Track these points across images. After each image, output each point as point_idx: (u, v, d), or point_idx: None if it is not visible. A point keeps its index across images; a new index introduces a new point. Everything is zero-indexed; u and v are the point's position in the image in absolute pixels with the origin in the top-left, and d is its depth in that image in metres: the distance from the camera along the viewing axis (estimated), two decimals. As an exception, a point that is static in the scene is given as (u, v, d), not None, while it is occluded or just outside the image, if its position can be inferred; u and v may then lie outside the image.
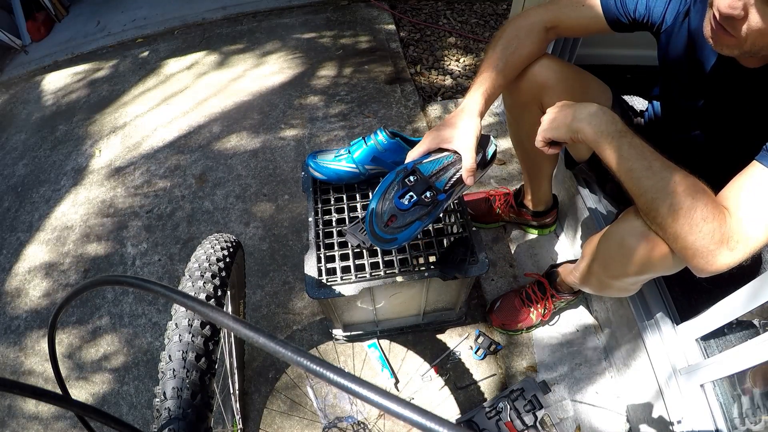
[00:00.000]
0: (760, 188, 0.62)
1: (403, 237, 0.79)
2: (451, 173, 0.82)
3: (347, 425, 1.14)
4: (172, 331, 0.62)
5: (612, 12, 0.85)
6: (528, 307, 1.20)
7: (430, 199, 0.79)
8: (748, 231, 0.61)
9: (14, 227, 1.67)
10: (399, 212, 0.78)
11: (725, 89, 0.76)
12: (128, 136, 1.93)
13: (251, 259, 1.44)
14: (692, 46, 0.78)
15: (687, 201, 0.64)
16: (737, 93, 0.75)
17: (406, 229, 0.79)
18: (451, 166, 0.82)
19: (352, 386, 0.28)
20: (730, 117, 0.78)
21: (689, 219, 0.63)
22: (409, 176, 0.80)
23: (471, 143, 0.80)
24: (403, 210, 0.78)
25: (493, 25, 2.34)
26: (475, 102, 0.84)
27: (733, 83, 0.74)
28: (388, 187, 0.80)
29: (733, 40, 0.62)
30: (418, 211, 0.79)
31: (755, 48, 0.62)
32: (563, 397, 1.15)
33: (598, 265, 0.85)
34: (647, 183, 0.68)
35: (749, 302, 0.77)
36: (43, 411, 1.23)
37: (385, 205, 0.79)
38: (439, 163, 0.82)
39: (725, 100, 0.77)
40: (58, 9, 2.72)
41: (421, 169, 0.81)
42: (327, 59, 2.15)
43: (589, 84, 0.98)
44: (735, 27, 0.60)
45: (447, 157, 0.83)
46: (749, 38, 0.60)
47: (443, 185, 0.81)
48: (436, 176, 0.81)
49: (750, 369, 0.83)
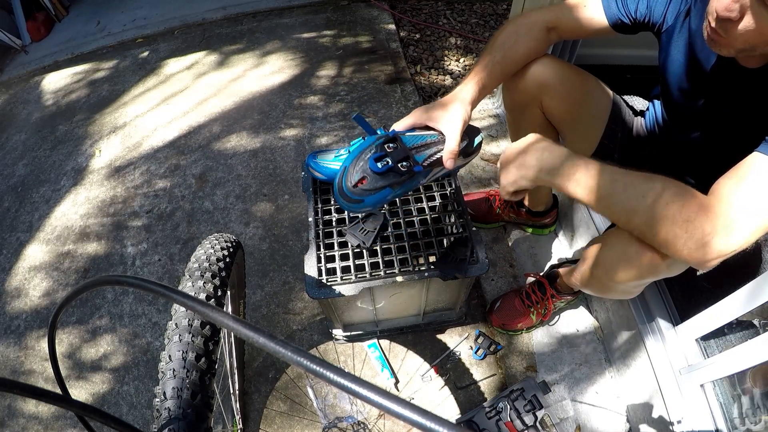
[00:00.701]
0: (753, 175, 0.61)
1: (370, 200, 0.75)
2: (433, 151, 0.80)
3: (347, 425, 1.14)
4: (172, 331, 0.62)
5: (614, 13, 0.85)
6: (528, 307, 1.20)
7: (405, 168, 0.76)
8: (740, 217, 0.60)
9: (14, 227, 1.67)
10: (371, 174, 0.75)
11: (725, 89, 0.76)
12: (128, 136, 1.93)
13: (251, 259, 1.44)
14: (692, 45, 0.78)
15: (663, 209, 0.63)
16: (737, 93, 0.75)
17: (376, 193, 0.75)
18: (434, 144, 0.81)
19: (352, 386, 0.28)
20: (730, 117, 0.78)
21: (672, 225, 0.63)
22: (389, 143, 0.78)
23: (458, 126, 0.80)
24: (376, 173, 0.75)
25: (493, 25, 2.34)
26: (468, 90, 0.84)
27: (733, 83, 0.74)
28: (366, 149, 0.77)
29: (728, 41, 0.63)
30: (391, 178, 0.76)
31: (749, 45, 0.62)
32: (563, 397, 1.15)
33: (600, 270, 0.85)
34: (617, 206, 0.68)
35: (749, 302, 0.77)
36: (43, 411, 1.23)
37: (359, 166, 0.76)
38: (422, 138, 0.80)
39: (725, 100, 0.77)
40: (58, 9, 2.72)
41: (403, 140, 0.79)
42: (327, 59, 2.15)
43: (590, 85, 0.98)
44: (729, 29, 0.61)
45: (431, 135, 0.81)
46: (744, 38, 0.60)
47: (422, 160, 0.79)
48: (416, 150, 0.79)
49: (750, 369, 0.83)
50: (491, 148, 1.70)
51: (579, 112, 0.99)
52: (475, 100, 0.85)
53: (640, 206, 0.66)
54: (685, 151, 0.92)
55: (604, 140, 1.01)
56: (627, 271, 0.77)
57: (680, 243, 0.63)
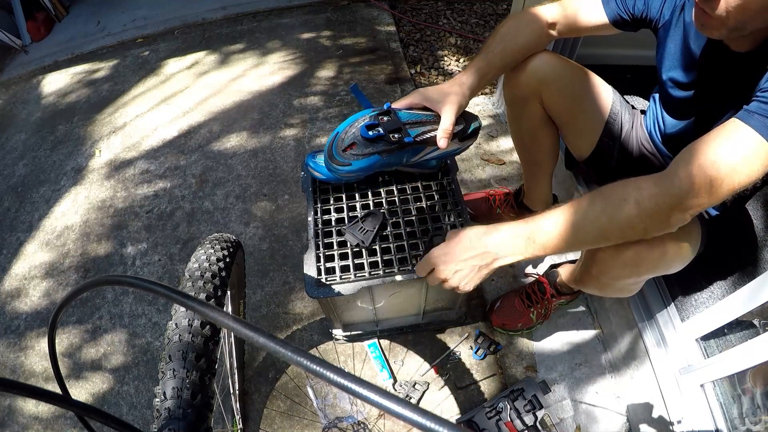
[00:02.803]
0: (712, 136, 0.62)
1: (357, 164, 0.77)
2: (426, 129, 0.81)
3: (347, 425, 1.14)
4: (172, 331, 0.62)
5: (613, 9, 0.86)
6: (528, 307, 1.20)
7: (396, 139, 0.77)
8: (693, 172, 0.61)
9: (14, 227, 1.67)
10: (361, 140, 0.77)
11: (716, 76, 0.77)
12: (128, 136, 1.93)
13: (251, 259, 1.44)
14: (686, 37, 0.79)
15: (622, 216, 0.65)
16: (728, 79, 0.75)
17: (364, 159, 0.77)
18: (428, 123, 0.82)
19: (352, 386, 0.28)
20: (721, 104, 0.78)
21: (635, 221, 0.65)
22: (383, 115, 0.79)
23: (454, 107, 0.81)
24: (366, 139, 0.76)
25: (493, 25, 2.34)
26: (468, 77, 0.85)
27: (723, 69, 0.75)
28: (360, 118, 0.79)
29: (716, 21, 0.62)
30: (380, 146, 0.77)
31: (740, 24, 0.61)
32: (563, 397, 1.15)
33: (597, 268, 0.85)
34: (587, 240, 0.69)
35: (749, 302, 0.77)
36: (43, 411, 1.23)
37: (350, 132, 0.77)
38: (418, 117, 0.81)
39: (716, 87, 0.78)
40: (58, 9, 2.72)
41: (398, 114, 0.80)
42: (327, 59, 2.15)
43: (590, 81, 0.98)
44: (712, 6, 0.61)
45: (427, 115, 0.82)
46: (731, 15, 0.60)
47: (414, 135, 0.79)
48: (410, 126, 0.80)
49: (750, 369, 0.83)
50: (491, 148, 1.70)
51: (579, 107, 0.99)
52: (474, 86, 0.86)
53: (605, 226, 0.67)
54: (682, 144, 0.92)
55: (603, 137, 1.01)
56: (624, 269, 0.77)
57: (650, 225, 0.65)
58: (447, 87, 0.84)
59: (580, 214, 0.67)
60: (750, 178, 0.59)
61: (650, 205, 0.63)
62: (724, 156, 0.59)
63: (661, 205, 0.63)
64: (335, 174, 0.85)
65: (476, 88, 0.86)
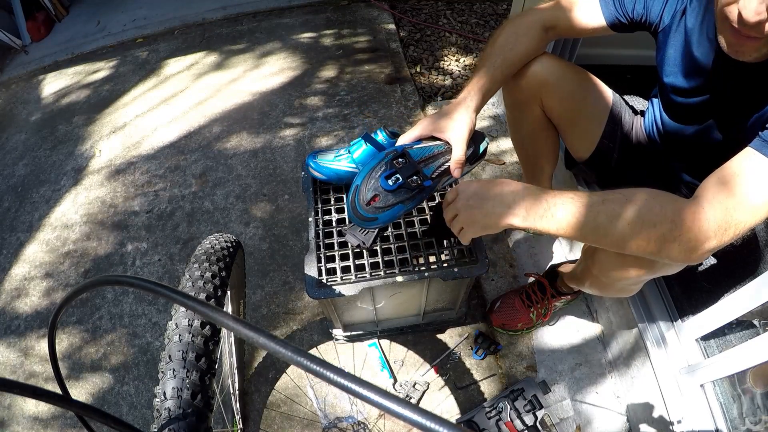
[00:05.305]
0: (742, 174, 0.61)
1: (383, 217, 0.77)
2: (440, 162, 0.81)
3: (347, 425, 1.14)
4: (172, 331, 0.62)
5: (611, 12, 0.85)
6: (528, 307, 1.20)
7: (416, 184, 0.78)
8: (725, 217, 0.60)
9: (14, 227, 1.67)
10: (383, 192, 0.77)
11: (723, 85, 0.76)
12: (128, 136, 1.92)
13: (251, 259, 1.44)
14: (688, 43, 0.78)
15: (651, 229, 0.63)
16: (734, 88, 0.75)
17: (388, 210, 0.77)
18: (441, 155, 0.82)
19: (352, 386, 0.28)
20: (727, 112, 0.78)
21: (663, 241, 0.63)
22: (398, 158, 0.79)
23: (464, 135, 0.80)
24: (387, 190, 0.77)
25: (493, 25, 2.34)
26: (472, 97, 0.84)
27: (730, 79, 0.74)
28: (376, 166, 0.79)
29: (759, 42, 0.62)
30: (402, 194, 0.77)
31: None
32: (563, 397, 1.15)
33: (597, 268, 0.85)
34: (606, 238, 0.67)
35: (749, 302, 0.77)
36: (43, 411, 1.23)
37: (370, 184, 0.77)
38: (430, 150, 0.81)
39: (723, 96, 0.78)
40: (58, 9, 2.72)
41: (411, 154, 0.80)
42: (327, 59, 2.15)
43: (590, 84, 0.98)
44: (760, 30, 0.60)
45: (438, 146, 0.82)
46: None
47: (430, 173, 0.80)
48: (424, 163, 0.80)
49: (750, 369, 0.83)
50: (491, 147, 1.70)
51: (579, 110, 0.99)
52: (479, 106, 0.85)
53: (627, 232, 0.65)
54: (684, 150, 0.92)
55: (603, 139, 1.01)
56: (624, 269, 0.77)
57: (674, 252, 0.63)
58: (452, 112, 0.83)
59: (606, 214, 0.66)
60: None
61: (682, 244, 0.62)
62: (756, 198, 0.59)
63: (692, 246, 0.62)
64: (361, 225, 0.85)
65: (480, 107, 0.86)
